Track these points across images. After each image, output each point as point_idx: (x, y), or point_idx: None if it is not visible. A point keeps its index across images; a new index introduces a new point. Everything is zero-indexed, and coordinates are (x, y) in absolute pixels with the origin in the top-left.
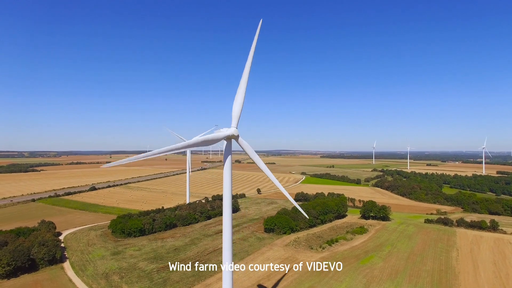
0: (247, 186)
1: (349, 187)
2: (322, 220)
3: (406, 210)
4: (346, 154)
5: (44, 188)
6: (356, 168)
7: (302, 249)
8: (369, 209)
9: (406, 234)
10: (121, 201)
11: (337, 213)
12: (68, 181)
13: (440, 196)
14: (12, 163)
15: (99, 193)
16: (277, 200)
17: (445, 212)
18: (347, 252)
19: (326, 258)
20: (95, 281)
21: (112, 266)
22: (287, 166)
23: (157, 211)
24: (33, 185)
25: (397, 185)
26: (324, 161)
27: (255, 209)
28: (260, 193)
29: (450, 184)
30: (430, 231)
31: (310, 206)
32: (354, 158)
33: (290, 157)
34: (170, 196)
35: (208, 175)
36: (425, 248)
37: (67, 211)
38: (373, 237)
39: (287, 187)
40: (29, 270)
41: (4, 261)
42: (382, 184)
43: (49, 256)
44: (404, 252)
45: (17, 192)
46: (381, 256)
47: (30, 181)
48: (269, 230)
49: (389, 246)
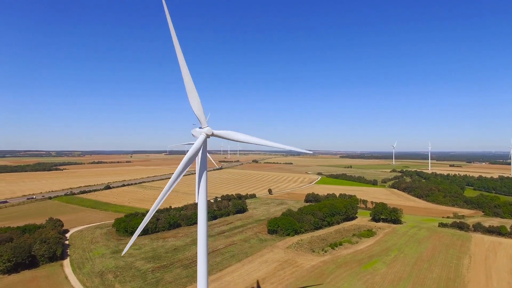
0: (259, 186)
1: (364, 188)
2: (329, 222)
3: (421, 213)
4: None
5: (62, 186)
6: (374, 168)
7: (303, 252)
8: (380, 212)
9: (416, 238)
10: (132, 200)
11: (345, 215)
12: (86, 180)
13: (459, 199)
14: (39, 161)
15: (113, 192)
16: (287, 201)
17: (463, 215)
18: (350, 256)
19: (326, 262)
20: (89, 279)
21: (109, 265)
22: (304, 166)
23: (163, 210)
24: (54, 183)
25: (414, 187)
26: (343, 161)
27: (263, 210)
28: (271, 193)
29: (474, 186)
30: (442, 236)
31: (316, 207)
32: (374, 159)
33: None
34: (181, 195)
35: (223, 175)
36: (435, 254)
37: (80, 209)
38: (380, 241)
39: (300, 188)
40: (29, 266)
41: (5, 257)
42: (399, 185)
43: (50, 253)
44: (411, 258)
45: (37, 189)
46: (385, 261)
47: (51, 179)
48: (272, 231)
49: (395, 250)
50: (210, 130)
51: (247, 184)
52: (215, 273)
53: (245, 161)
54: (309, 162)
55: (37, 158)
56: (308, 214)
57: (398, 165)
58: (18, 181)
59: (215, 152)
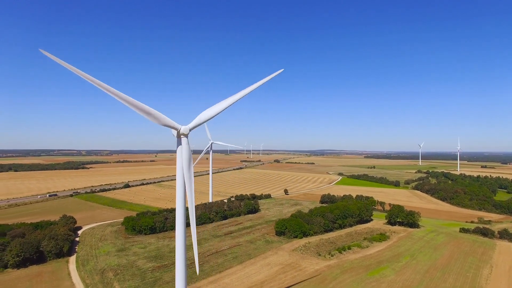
0: (277, 186)
1: (384, 190)
2: (340, 225)
3: (442, 217)
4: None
5: (84, 184)
6: (399, 169)
7: (308, 255)
8: (396, 214)
9: (433, 244)
10: (148, 199)
11: (359, 218)
12: (108, 178)
13: (487, 202)
14: (68, 160)
15: (131, 190)
16: (302, 201)
17: (489, 221)
18: (357, 261)
19: (331, 267)
20: (90, 277)
21: (112, 263)
22: (326, 167)
23: (172, 210)
24: (78, 181)
25: (438, 188)
26: (367, 161)
27: (276, 211)
28: (287, 193)
29: (508, 189)
30: (462, 242)
31: (327, 209)
32: (400, 159)
33: (333, 157)
34: (197, 195)
35: (242, 175)
36: (451, 261)
37: (97, 206)
38: (393, 246)
39: (319, 188)
40: (37, 261)
41: (14, 251)
42: (422, 187)
43: (57, 250)
44: (423, 265)
45: (61, 187)
46: (394, 268)
47: (76, 177)
48: (280, 233)
49: (407, 257)
50: (187, 128)
51: (265, 184)
52: (214, 275)
53: (266, 161)
54: (331, 162)
55: (67, 157)
56: (318, 216)
57: (425, 165)
58: (47, 179)
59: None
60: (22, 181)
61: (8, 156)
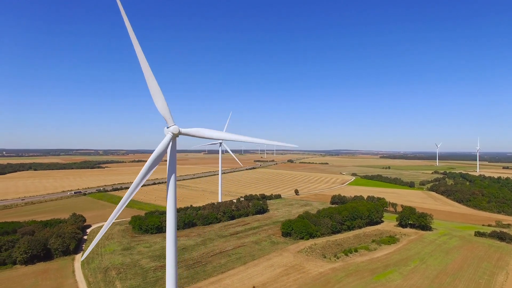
0: (288, 186)
1: (398, 191)
2: (349, 226)
3: (458, 219)
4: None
5: (98, 183)
6: (415, 169)
7: (313, 257)
8: (407, 216)
9: (445, 247)
10: (159, 198)
11: (368, 219)
12: (122, 178)
13: (507, 205)
14: (85, 160)
15: (143, 190)
16: (313, 202)
17: (508, 224)
18: (363, 264)
19: (336, 269)
20: (93, 275)
21: (116, 261)
22: (340, 167)
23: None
24: (92, 180)
25: (454, 190)
26: (382, 161)
27: (285, 211)
28: (297, 194)
29: None
30: (477, 247)
31: (335, 210)
32: (417, 159)
33: (348, 157)
34: (207, 194)
35: (254, 174)
36: (463, 266)
37: (107, 205)
38: (402, 249)
39: (330, 189)
40: (44, 258)
41: (22, 248)
42: (437, 188)
43: (63, 247)
44: (433, 270)
45: (76, 186)
46: (402, 272)
47: (92, 176)
48: (286, 234)
49: (417, 260)
50: (177, 128)
51: (276, 184)
52: (216, 275)
53: (280, 161)
54: (346, 162)
55: (85, 157)
56: (326, 217)
57: (442, 166)
58: (63, 178)
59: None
60: (40, 179)
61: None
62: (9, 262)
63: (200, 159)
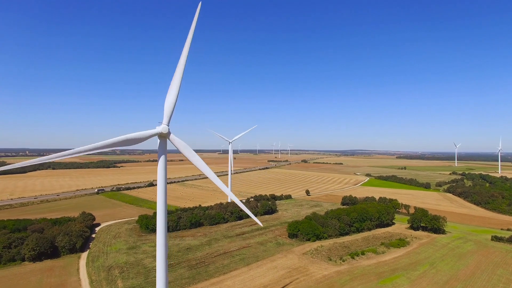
0: (300, 186)
1: (413, 192)
2: (357, 228)
3: (474, 222)
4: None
5: (112, 182)
6: (432, 170)
7: (319, 259)
8: (419, 219)
9: (458, 252)
10: (169, 198)
11: (378, 221)
12: (135, 177)
13: None
14: (102, 159)
15: (155, 189)
16: (323, 203)
17: None
18: (369, 267)
19: (341, 273)
20: (97, 273)
21: (120, 260)
22: (354, 167)
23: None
24: (106, 179)
25: (472, 192)
26: (398, 162)
27: (294, 212)
28: (309, 194)
29: None
30: (493, 252)
31: (344, 211)
32: (435, 160)
33: (363, 157)
34: (217, 194)
35: (267, 175)
36: (476, 273)
37: (119, 204)
38: (412, 252)
39: (342, 189)
40: (51, 256)
41: (30, 246)
42: (454, 189)
43: (70, 245)
44: (443, 275)
45: (90, 185)
46: (410, 277)
47: (107, 175)
48: (292, 235)
49: (426, 265)
50: (166, 128)
51: (288, 184)
52: (218, 276)
53: (294, 161)
54: (360, 162)
55: (102, 156)
56: (334, 219)
57: (461, 167)
58: (79, 177)
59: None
60: (57, 178)
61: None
62: (18, 259)
63: (215, 158)
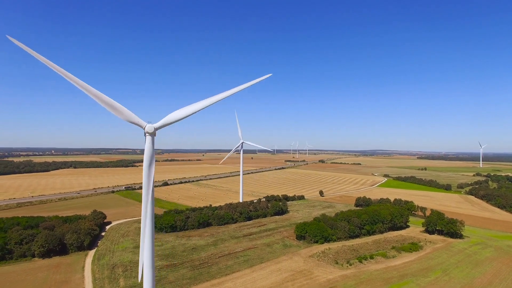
0: (314, 187)
1: (432, 194)
2: (368, 231)
3: (497, 227)
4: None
5: (127, 181)
6: (454, 171)
7: (325, 262)
8: (434, 222)
9: (475, 258)
10: (182, 197)
11: (391, 224)
12: None
13: None
14: (121, 159)
15: (169, 189)
16: (337, 204)
17: None
18: (377, 272)
19: (346, 277)
20: (101, 271)
21: (125, 259)
22: (373, 167)
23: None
24: (123, 178)
25: (495, 194)
26: (419, 162)
27: (305, 213)
28: (322, 195)
29: None
30: None
31: (354, 213)
32: (459, 160)
33: (383, 157)
34: (230, 194)
35: (282, 175)
36: (494, 281)
37: (132, 203)
38: (424, 257)
39: (358, 190)
40: (60, 253)
41: (39, 242)
42: (477, 192)
43: (78, 243)
44: (456, 283)
45: (106, 184)
46: (419, 284)
47: (124, 174)
48: (300, 237)
49: (439, 271)
50: (151, 126)
51: (303, 184)
52: (219, 278)
53: (311, 161)
54: (380, 163)
55: (122, 156)
56: (343, 221)
57: (486, 168)
58: (98, 176)
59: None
60: (77, 177)
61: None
62: (28, 255)
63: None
